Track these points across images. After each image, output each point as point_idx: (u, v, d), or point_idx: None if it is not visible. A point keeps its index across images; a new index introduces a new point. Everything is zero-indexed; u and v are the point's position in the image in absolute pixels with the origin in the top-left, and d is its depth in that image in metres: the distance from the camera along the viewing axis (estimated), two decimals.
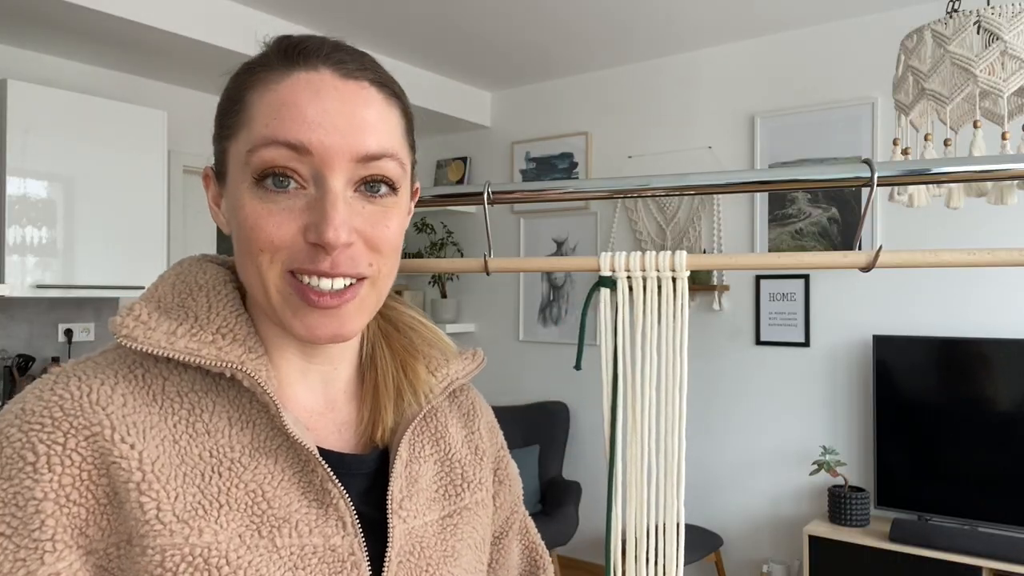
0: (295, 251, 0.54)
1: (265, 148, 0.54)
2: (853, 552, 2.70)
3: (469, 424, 0.73)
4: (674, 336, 0.78)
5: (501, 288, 4.08)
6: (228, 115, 0.58)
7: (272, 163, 0.54)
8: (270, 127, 0.54)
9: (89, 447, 0.51)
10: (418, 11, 3.04)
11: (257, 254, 0.55)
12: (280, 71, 0.55)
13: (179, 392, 0.56)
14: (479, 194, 0.88)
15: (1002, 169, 0.72)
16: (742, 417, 3.31)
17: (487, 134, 4.18)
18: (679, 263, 0.77)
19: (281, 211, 0.54)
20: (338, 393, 0.64)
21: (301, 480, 0.57)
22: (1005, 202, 1.52)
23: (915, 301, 2.94)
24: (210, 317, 0.58)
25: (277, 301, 0.56)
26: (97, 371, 0.55)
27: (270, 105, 0.54)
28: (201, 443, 0.55)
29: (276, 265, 0.55)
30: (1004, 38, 1.37)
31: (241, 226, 0.56)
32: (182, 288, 0.60)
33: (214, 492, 0.54)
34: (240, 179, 0.56)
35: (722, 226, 3.39)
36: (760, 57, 3.30)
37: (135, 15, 2.61)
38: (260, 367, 0.57)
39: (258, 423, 0.58)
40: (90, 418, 0.52)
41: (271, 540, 0.54)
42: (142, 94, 3.32)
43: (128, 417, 0.53)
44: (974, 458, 2.68)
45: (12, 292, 2.66)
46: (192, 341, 0.56)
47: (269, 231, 0.54)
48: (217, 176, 0.60)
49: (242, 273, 0.58)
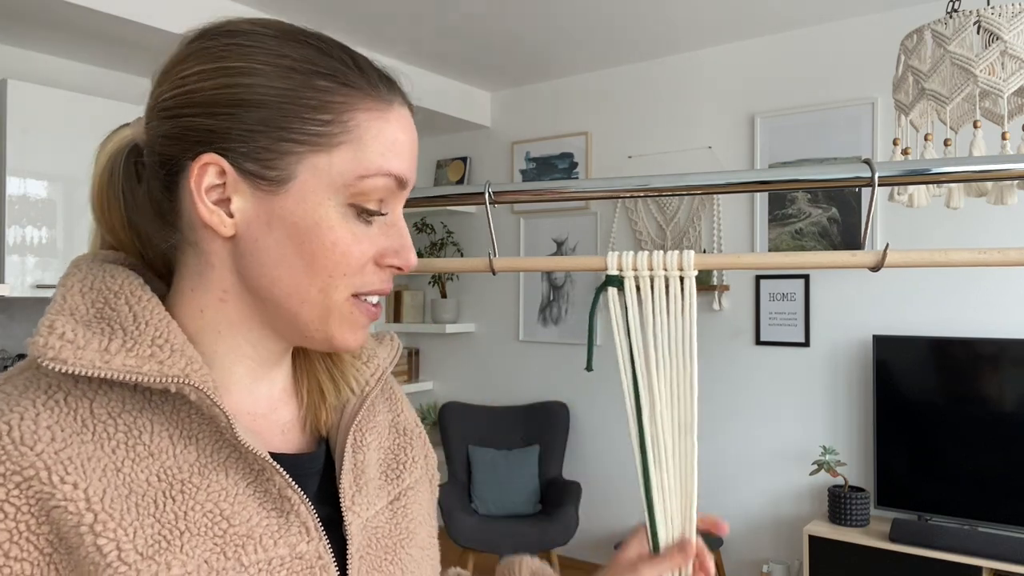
0: (366, 274, 0.56)
1: (379, 178, 0.54)
2: (853, 552, 2.70)
3: (394, 407, 0.73)
4: (683, 335, 0.78)
5: (501, 288, 4.08)
6: (313, 123, 0.53)
7: (379, 194, 0.55)
8: (386, 158, 0.55)
9: (22, 495, 0.46)
10: (418, 11, 3.04)
11: (339, 278, 0.55)
12: (385, 99, 0.56)
13: (109, 414, 0.51)
14: (480, 194, 0.88)
15: (1002, 169, 0.72)
16: (742, 417, 3.31)
17: (487, 134, 4.18)
18: (687, 262, 0.77)
19: (367, 237, 0.55)
20: (279, 393, 0.63)
21: (256, 491, 0.55)
22: (1005, 202, 1.52)
23: (915, 301, 2.94)
24: (140, 328, 0.52)
25: (336, 320, 0.56)
26: (11, 404, 0.49)
27: (384, 135, 0.55)
28: (146, 467, 0.51)
29: (346, 289, 0.56)
30: (1004, 38, 1.37)
31: (324, 248, 0.54)
32: (95, 297, 0.53)
33: (171, 519, 0.50)
34: (325, 195, 0.53)
35: (722, 226, 3.39)
36: (760, 57, 3.30)
37: (135, 15, 2.61)
38: (206, 378, 0.53)
39: (202, 438, 0.54)
40: (18, 462, 0.46)
41: (237, 560, 0.52)
42: (142, 94, 3.32)
43: (61, 453, 0.48)
44: (974, 458, 2.68)
45: (12, 292, 2.66)
46: (129, 357, 0.51)
47: (357, 258, 0.55)
48: (256, 175, 0.53)
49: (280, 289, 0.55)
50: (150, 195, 0.58)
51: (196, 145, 0.53)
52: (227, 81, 0.53)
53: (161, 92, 0.55)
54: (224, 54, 0.53)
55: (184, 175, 0.54)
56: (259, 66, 0.53)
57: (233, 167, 0.53)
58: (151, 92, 0.57)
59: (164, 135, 0.54)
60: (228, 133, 0.52)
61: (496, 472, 3.59)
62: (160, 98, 0.55)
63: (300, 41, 0.55)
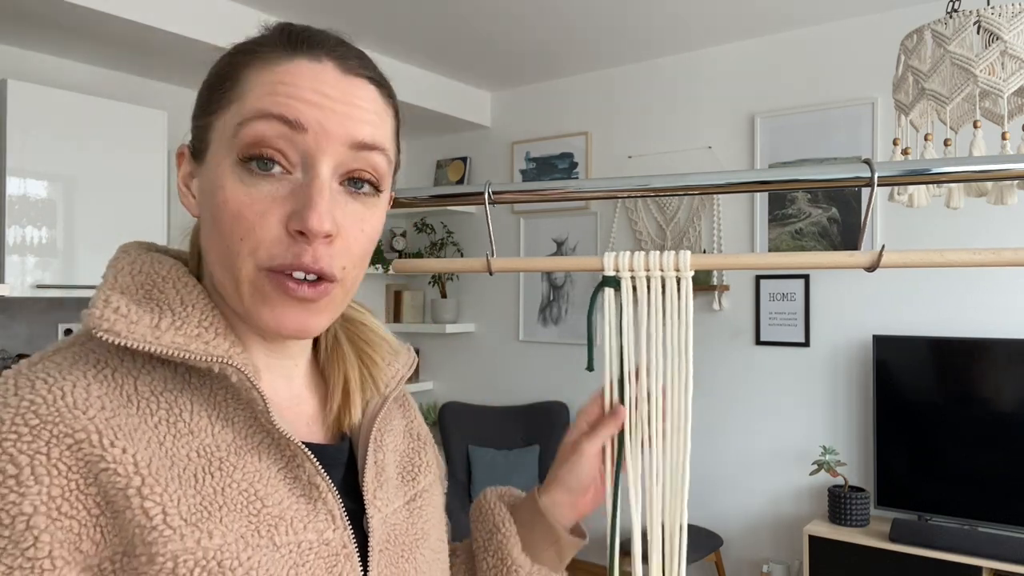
0: (274, 246, 0.52)
1: (258, 120, 0.52)
2: (853, 552, 2.70)
3: (407, 414, 0.75)
4: (678, 335, 0.78)
5: (501, 288, 4.08)
6: (216, 90, 0.55)
7: (262, 137, 0.52)
8: (264, 101, 0.53)
9: (73, 456, 0.47)
10: (418, 11, 3.04)
11: (236, 243, 0.53)
12: (281, 54, 0.54)
13: (152, 391, 0.53)
14: (479, 194, 0.88)
15: (1002, 169, 0.72)
16: (742, 417, 3.31)
17: (487, 134, 4.18)
18: (683, 262, 0.77)
19: (264, 198, 0.52)
20: (301, 388, 0.64)
21: (287, 476, 0.56)
22: (1005, 202, 1.52)
23: (915, 301, 2.94)
24: (187, 310, 0.54)
25: (247, 292, 0.54)
26: (63, 372, 0.51)
27: (268, 82, 0.53)
28: (187, 443, 0.52)
29: (251, 259, 0.53)
30: (1004, 38, 1.37)
31: (219, 209, 0.53)
32: (143, 280, 0.55)
33: (211, 493, 0.51)
34: (223, 155, 0.54)
35: (722, 226, 3.39)
36: (760, 57, 3.30)
37: (135, 15, 2.60)
38: (247, 362, 0.54)
39: (237, 421, 0.55)
40: (71, 424, 0.48)
41: (270, 539, 0.53)
42: (142, 94, 3.32)
43: (111, 420, 0.49)
44: (974, 458, 2.68)
45: (12, 292, 2.66)
46: (178, 335, 0.53)
47: (251, 219, 0.52)
48: (194, 153, 0.57)
49: (211, 258, 0.55)
50: None
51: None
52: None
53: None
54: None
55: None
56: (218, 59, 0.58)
57: (188, 150, 0.58)
58: None
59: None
60: (191, 123, 0.59)
61: (496, 472, 3.59)
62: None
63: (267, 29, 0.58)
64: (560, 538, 0.79)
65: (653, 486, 0.79)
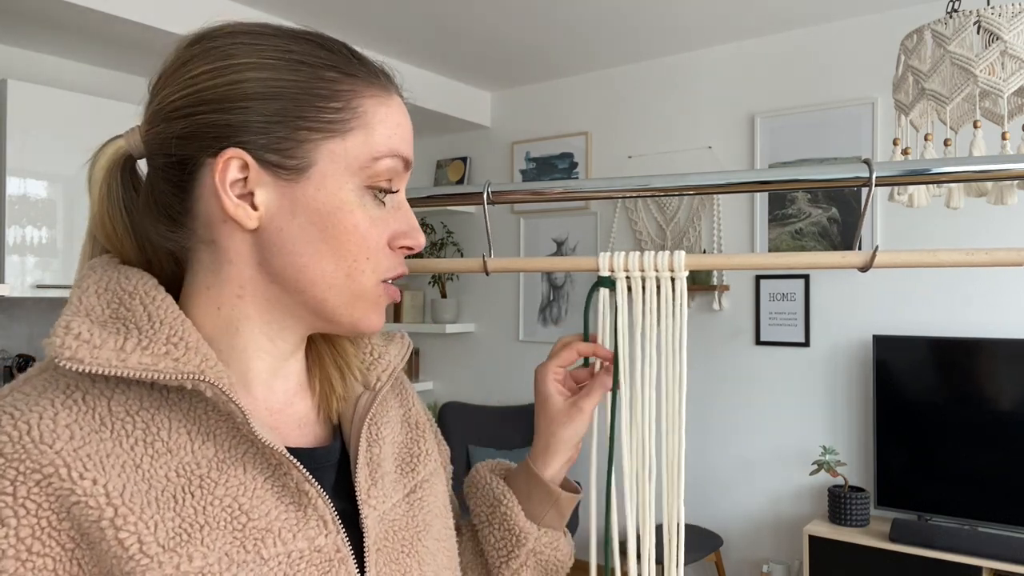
0: (387, 260, 0.59)
1: (389, 159, 0.58)
2: (853, 552, 2.70)
3: (405, 403, 0.74)
4: (673, 336, 0.78)
5: (501, 288, 4.08)
6: (326, 111, 0.55)
7: (390, 174, 0.58)
8: (393, 140, 0.58)
9: (42, 492, 0.47)
10: (418, 11, 3.04)
11: (362, 261, 0.57)
12: (386, 89, 0.59)
13: (127, 411, 0.52)
14: (479, 194, 0.88)
15: (1002, 169, 0.72)
16: (742, 417, 3.31)
17: (487, 134, 4.18)
18: (678, 263, 0.77)
19: (381, 220, 0.58)
20: (294, 387, 0.63)
21: (274, 485, 0.55)
22: (1005, 202, 1.52)
23: (915, 301, 2.94)
24: (154, 327, 0.53)
25: (364, 303, 0.59)
26: (30, 404, 0.50)
27: (390, 120, 0.58)
28: (165, 463, 0.52)
29: (372, 274, 0.58)
30: (1004, 38, 1.37)
31: (346, 232, 0.56)
32: (110, 298, 0.54)
33: (191, 514, 0.51)
34: (344, 179, 0.56)
35: (722, 226, 3.39)
36: (760, 57, 3.30)
37: (135, 15, 2.61)
38: (221, 375, 0.53)
39: (219, 434, 0.55)
40: (38, 460, 0.47)
41: (257, 553, 0.52)
42: (142, 94, 3.32)
43: (79, 450, 0.49)
44: (974, 458, 2.68)
45: (12, 292, 2.66)
46: (144, 355, 0.52)
47: (375, 240, 0.58)
48: (276, 165, 0.55)
49: (311, 275, 0.56)
50: (155, 199, 0.58)
51: (214, 141, 0.54)
52: (239, 76, 0.54)
53: (167, 95, 0.56)
54: (232, 52, 0.55)
55: (202, 173, 0.55)
56: (269, 60, 0.55)
57: (255, 159, 0.54)
58: (153, 97, 0.58)
59: (178, 136, 0.55)
60: (246, 127, 0.54)
61: None
62: (166, 101, 0.56)
63: (301, 37, 0.57)
64: (559, 497, 0.80)
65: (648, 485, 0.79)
